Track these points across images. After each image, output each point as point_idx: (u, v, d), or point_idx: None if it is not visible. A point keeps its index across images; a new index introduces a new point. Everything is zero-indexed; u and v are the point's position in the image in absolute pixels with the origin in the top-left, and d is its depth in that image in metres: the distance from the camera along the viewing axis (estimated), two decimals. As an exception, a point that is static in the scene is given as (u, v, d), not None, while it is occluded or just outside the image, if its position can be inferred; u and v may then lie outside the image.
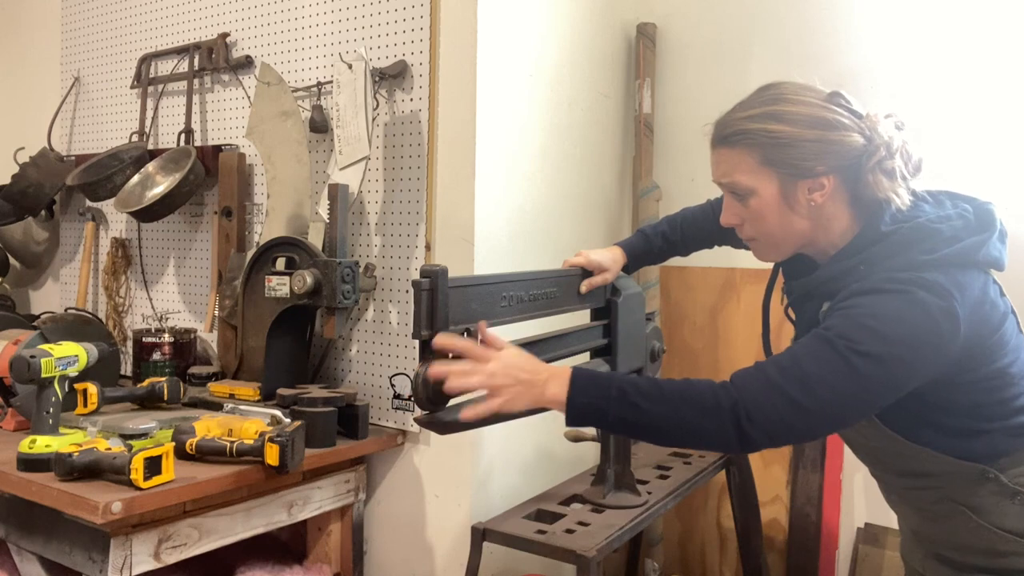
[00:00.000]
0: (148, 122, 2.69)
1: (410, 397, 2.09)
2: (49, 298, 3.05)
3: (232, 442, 1.70)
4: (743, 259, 2.53)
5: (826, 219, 1.30)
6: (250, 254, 2.20)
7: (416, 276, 1.37)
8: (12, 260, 3.09)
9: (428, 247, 2.06)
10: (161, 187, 2.50)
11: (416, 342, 1.38)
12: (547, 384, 1.24)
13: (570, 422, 1.25)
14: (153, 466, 1.55)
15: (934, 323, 1.16)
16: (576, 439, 2.02)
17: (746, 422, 1.16)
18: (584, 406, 1.22)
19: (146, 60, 2.68)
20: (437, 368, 1.25)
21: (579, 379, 1.24)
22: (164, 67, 2.65)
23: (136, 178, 2.53)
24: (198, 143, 2.56)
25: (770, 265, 1.54)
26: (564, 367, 1.27)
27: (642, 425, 1.21)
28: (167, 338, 2.41)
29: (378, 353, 2.16)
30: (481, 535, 1.70)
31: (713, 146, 1.37)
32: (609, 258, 1.73)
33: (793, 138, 1.26)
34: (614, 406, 1.20)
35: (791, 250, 1.36)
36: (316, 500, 1.96)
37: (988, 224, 1.26)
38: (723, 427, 1.17)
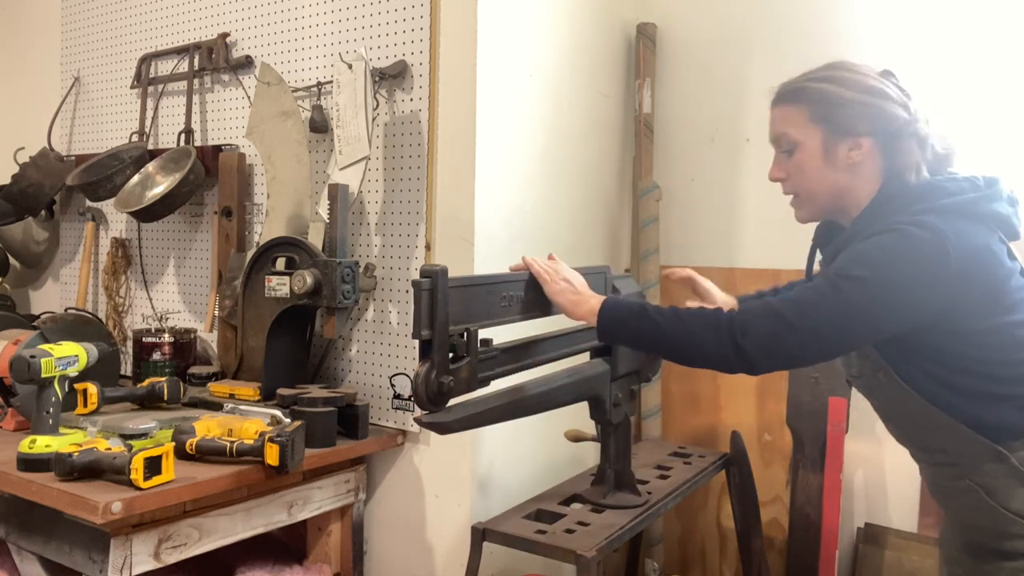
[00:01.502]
0: (148, 122, 2.69)
1: (410, 397, 2.09)
2: (49, 298, 3.05)
3: (232, 442, 1.70)
4: (743, 259, 2.54)
5: (860, 179, 1.41)
6: (250, 254, 2.20)
7: (416, 276, 1.38)
8: (12, 260, 3.09)
9: (428, 247, 2.06)
10: (161, 187, 2.50)
11: (416, 342, 1.38)
12: (588, 301, 1.50)
13: (599, 334, 1.48)
14: (153, 466, 1.55)
15: (920, 253, 1.26)
16: (576, 439, 2.02)
17: (740, 336, 1.30)
18: (610, 319, 1.44)
19: (146, 60, 2.68)
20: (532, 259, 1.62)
21: (611, 300, 1.48)
22: (164, 67, 2.65)
23: (136, 178, 2.53)
24: (198, 143, 2.56)
25: (769, 265, 1.58)
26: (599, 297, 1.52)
27: (653, 336, 1.39)
28: (167, 338, 2.41)
29: (378, 353, 2.16)
30: (481, 535, 1.70)
31: (772, 105, 1.50)
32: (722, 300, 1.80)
33: (841, 99, 1.40)
34: (634, 319, 1.41)
35: (826, 205, 1.46)
36: (316, 500, 1.96)
37: (991, 184, 1.35)
38: (721, 340, 1.32)
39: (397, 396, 2.12)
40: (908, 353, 1.33)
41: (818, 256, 1.55)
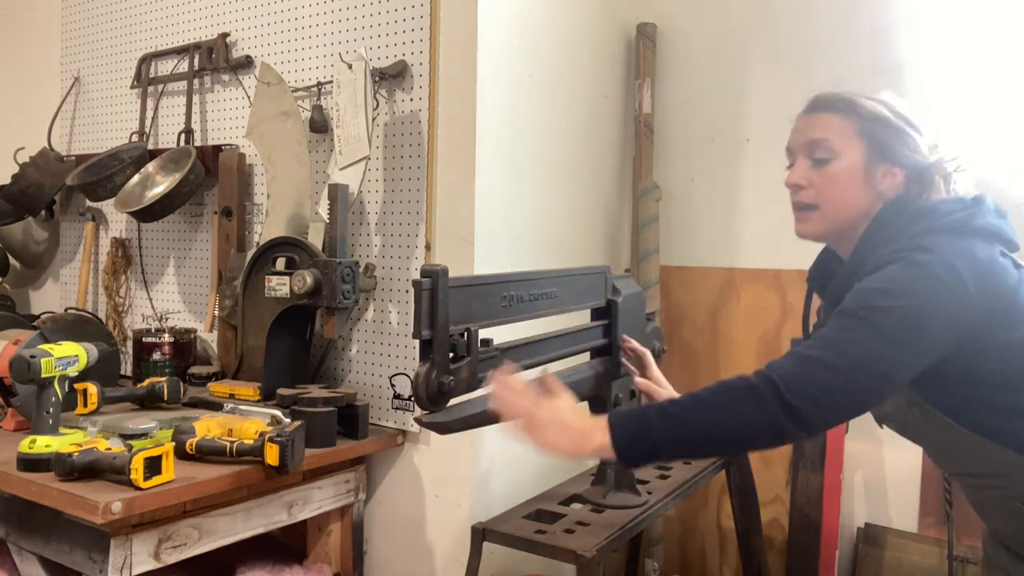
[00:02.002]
0: (148, 122, 2.69)
1: (410, 397, 2.09)
2: (49, 298, 3.05)
3: (232, 442, 1.70)
4: (743, 259, 2.54)
5: (876, 207, 1.38)
6: (250, 254, 2.20)
7: (416, 276, 1.38)
8: (12, 260, 3.09)
9: (428, 247, 2.06)
10: (161, 187, 2.50)
11: (416, 342, 1.38)
12: (591, 434, 1.26)
13: (625, 462, 1.27)
14: (153, 466, 1.55)
15: (935, 276, 1.22)
16: (576, 439, 2.02)
17: (787, 393, 1.16)
18: (629, 439, 1.24)
19: (146, 60, 2.68)
20: (499, 389, 1.35)
21: (617, 417, 1.27)
22: (164, 67, 2.65)
23: (136, 178, 2.53)
24: (198, 143, 2.56)
25: (769, 265, 1.56)
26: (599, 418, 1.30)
27: (687, 435, 1.22)
28: (167, 338, 2.41)
29: (378, 353, 2.16)
30: (481, 535, 1.70)
31: (810, 111, 1.44)
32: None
33: (891, 122, 1.38)
34: (656, 426, 1.22)
35: (841, 225, 1.41)
36: (316, 500, 1.96)
37: (979, 201, 1.34)
38: (766, 406, 1.17)
39: (397, 396, 2.12)
40: (940, 381, 1.28)
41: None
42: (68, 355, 1.75)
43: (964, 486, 1.45)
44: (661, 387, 1.74)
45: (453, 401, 1.44)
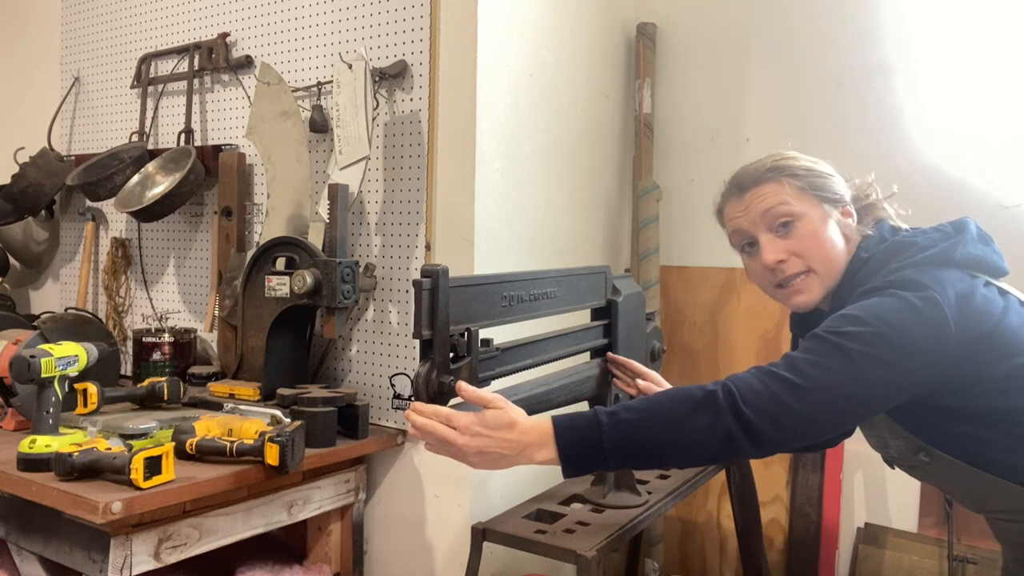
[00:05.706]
0: (148, 122, 2.69)
1: (410, 397, 2.09)
2: (49, 298, 3.05)
3: (232, 442, 1.70)
4: (743, 259, 2.54)
5: (849, 247, 1.39)
6: (250, 254, 2.20)
7: (416, 276, 1.38)
8: (12, 260, 3.09)
9: (428, 247, 2.06)
10: (161, 187, 2.50)
11: (416, 342, 1.38)
12: (531, 448, 1.22)
13: (569, 471, 1.21)
14: (153, 466, 1.55)
15: (913, 308, 1.19)
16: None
17: (744, 404, 1.14)
18: (575, 442, 1.20)
19: (146, 60, 2.68)
20: (413, 431, 1.28)
21: (561, 422, 1.22)
22: (164, 67, 2.65)
23: (136, 178, 2.53)
24: (198, 143, 2.56)
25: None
26: (544, 421, 1.24)
27: (638, 441, 1.18)
28: (167, 338, 2.41)
29: (378, 353, 2.16)
30: (481, 535, 1.70)
31: (744, 190, 1.44)
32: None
33: (822, 172, 1.41)
34: (606, 431, 1.18)
35: (836, 280, 1.39)
36: (316, 500, 1.96)
37: (961, 228, 1.32)
38: (721, 416, 1.14)
39: (397, 396, 2.12)
40: (938, 422, 1.26)
41: None
42: (68, 355, 1.75)
43: (988, 520, 1.41)
44: (661, 388, 1.71)
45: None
